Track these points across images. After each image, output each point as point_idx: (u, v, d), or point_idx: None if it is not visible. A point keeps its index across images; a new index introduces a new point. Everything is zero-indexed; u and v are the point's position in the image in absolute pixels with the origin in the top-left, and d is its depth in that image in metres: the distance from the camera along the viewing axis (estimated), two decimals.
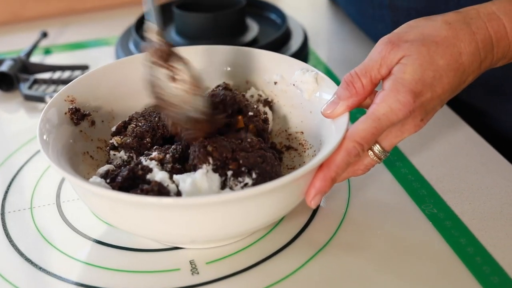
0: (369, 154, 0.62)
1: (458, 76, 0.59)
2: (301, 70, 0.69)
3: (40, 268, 0.62)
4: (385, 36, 0.60)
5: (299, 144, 0.69)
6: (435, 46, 0.58)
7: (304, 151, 0.68)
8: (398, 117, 0.58)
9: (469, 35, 0.59)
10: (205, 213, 0.55)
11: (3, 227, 0.67)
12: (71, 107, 0.66)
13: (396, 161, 0.74)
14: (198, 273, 0.60)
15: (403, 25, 0.61)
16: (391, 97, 0.58)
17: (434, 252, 0.62)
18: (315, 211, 0.67)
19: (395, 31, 0.61)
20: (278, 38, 0.93)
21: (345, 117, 0.60)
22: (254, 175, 0.59)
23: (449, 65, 0.58)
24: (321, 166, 0.58)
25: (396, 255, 0.62)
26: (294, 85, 0.70)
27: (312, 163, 0.56)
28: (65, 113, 0.66)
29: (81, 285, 0.60)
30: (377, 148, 0.61)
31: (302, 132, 0.69)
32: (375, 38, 1.00)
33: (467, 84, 0.62)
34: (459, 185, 0.70)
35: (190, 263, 0.62)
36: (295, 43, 0.95)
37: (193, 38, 0.93)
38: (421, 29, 0.59)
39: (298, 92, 0.70)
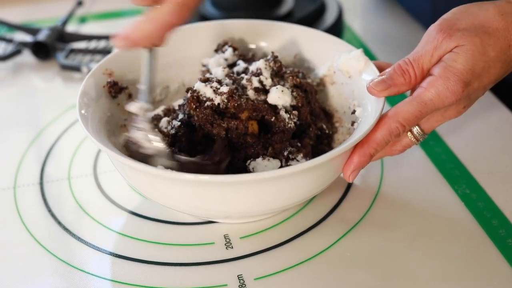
0: (408, 135, 0.62)
1: (504, 67, 0.59)
2: (345, 54, 0.68)
3: (77, 238, 0.64)
4: (436, 23, 0.60)
5: (335, 121, 0.69)
6: (487, 37, 0.58)
7: (337, 131, 0.68)
8: (444, 104, 0.58)
9: None
10: (241, 191, 0.56)
11: (42, 197, 0.69)
12: (109, 80, 0.67)
13: (430, 140, 0.74)
14: (232, 247, 0.62)
15: (453, 10, 0.60)
16: (440, 84, 0.57)
17: (465, 232, 0.62)
18: (347, 189, 0.67)
19: (445, 16, 0.60)
20: (313, 12, 0.92)
21: (382, 98, 0.60)
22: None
23: (498, 57, 0.59)
24: (361, 142, 0.58)
25: (427, 234, 0.62)
26: (338, 69, 0.69)
27: (346, 145, 0.56)
28: (103, 87, 0.66)
29: (116, 255, 0.62)
30: (416, 130, 0.62)
31: (337, 111, 0.69)
32: (413, 11, 0.99)
33: (508, 73, 0.61)
34: (493, 166, 0.70)
35: (224, 237, 0.63)
36: (329, 17, 0.94)
37: (228, 9, 0.93)
38: (472, 17, 0.59)
39: (338, 73, 0.69)
